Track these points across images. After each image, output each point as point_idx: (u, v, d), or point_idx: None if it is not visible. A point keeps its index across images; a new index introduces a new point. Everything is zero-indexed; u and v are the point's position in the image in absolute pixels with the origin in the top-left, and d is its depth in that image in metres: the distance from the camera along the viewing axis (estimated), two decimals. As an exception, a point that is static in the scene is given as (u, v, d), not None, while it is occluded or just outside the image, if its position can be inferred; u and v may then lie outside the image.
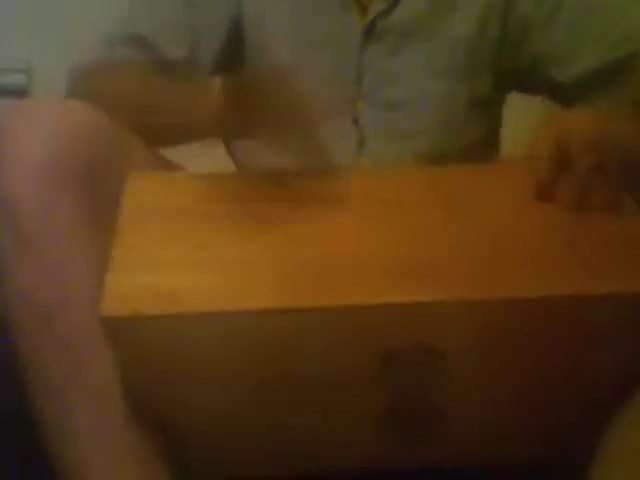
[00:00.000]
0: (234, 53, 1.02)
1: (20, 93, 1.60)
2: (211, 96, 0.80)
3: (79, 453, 0.73)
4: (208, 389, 0.71)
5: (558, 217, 0.74)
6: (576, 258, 0.71)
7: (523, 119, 1.09)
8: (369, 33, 0.98)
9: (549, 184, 0.75)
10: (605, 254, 0.71)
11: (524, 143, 0.80)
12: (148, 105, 0.88)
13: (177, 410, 0.72)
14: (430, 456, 0.77)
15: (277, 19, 1.00)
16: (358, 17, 0.99)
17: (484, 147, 1.06)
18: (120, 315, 0.65)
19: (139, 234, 0.71)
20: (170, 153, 0.91)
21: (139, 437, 0.73)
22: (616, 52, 0.98)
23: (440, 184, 0.79)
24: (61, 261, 0.72)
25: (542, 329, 0.69)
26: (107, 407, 0.73)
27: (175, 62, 0.99)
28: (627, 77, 0.96)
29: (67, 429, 0.73)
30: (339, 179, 0.81)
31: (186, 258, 0.70)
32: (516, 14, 1.00)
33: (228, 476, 0.77)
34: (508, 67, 1.03)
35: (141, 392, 0.71)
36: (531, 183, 0.76)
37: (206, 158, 1.09)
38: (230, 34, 1.01)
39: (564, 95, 1.01)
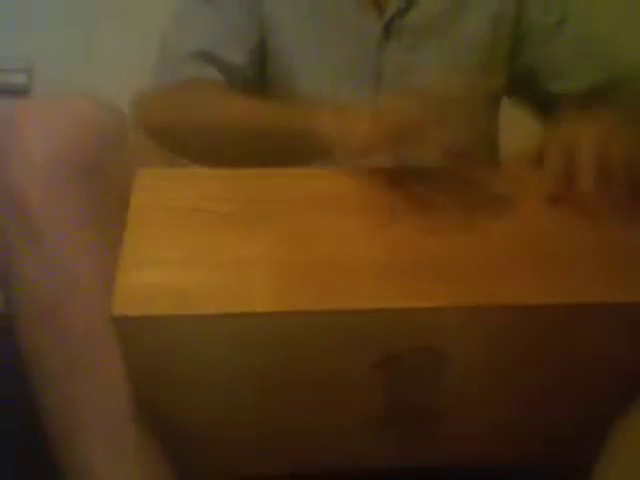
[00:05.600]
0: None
1: (21, 93, 1.60)
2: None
3: (83, 449, 0.73)
4: (211, 389, 0.71)
5: (562, 224, 0.74)
6: (579, 266, 0.71)
7: (521, 123, 1.10)
8: (387, 31, 1.01)
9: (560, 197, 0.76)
10: (608, 263, 0.71)
11: (521, 148, 0.81)
12: (253, 128, 0.86)
13: (180, 409, 0.72)
14: (430, 456, 0.77)
15: (295, 19, 1.02)
16: (376, 16, 1.01)
17: (484, 149, 1.07)
18: (132, 315, 0.65)
19: (148, 232, 0.71)
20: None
21: (143, 435, 0.73)
22: (605, 73, 1.02)
23: (443, 186, 0.79)
24: (67, 254, 0.73)
25: (542, 335, 0.69)
26: (112, 403, 0.73)
27: (241, 68, 0.99)
28: (615, 99, 1.00)
29: (71, 424, 0.73)
30: (343, 180, 0.81)
31: (195, 257, 0.70)
32: (527, 17, 1.04)
33: (228, 475, 0.78)
34: (516, 69, 1.06)
35: (146, 391, 0.71)
36: (535, 189, 0.76)
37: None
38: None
39: (556, 108, 1.04)
